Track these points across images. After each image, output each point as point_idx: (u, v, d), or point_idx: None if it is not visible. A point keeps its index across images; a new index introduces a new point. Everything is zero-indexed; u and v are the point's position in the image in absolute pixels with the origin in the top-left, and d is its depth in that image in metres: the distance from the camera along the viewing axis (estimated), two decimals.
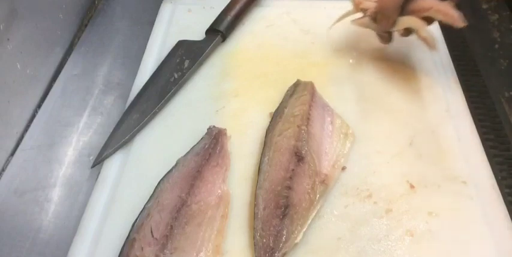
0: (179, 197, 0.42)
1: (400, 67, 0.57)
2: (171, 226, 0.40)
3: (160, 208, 0.42)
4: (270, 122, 0.49)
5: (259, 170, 0.44)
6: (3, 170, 0.51)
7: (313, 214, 0.41)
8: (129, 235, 0.40)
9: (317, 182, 0.43)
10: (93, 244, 0.42)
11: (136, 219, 0.41)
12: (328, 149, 0.46)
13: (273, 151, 0.45)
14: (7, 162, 0.52)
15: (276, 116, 0.50)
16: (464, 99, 0.53)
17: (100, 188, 0.46)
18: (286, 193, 0.41)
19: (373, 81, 0.55)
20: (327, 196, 0.44)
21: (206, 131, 0.49)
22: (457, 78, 0.56)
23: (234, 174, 0.46)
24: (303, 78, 0.55)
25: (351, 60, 0.58)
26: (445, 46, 0.59)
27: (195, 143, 0.48)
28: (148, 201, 0.43)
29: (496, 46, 0.62)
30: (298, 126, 0.47)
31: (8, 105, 0.52)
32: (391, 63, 0.57)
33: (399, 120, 0.51)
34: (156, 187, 0.44)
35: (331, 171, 0.45)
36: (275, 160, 0.44)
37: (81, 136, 0.54)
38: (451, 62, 0.57)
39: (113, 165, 0.48)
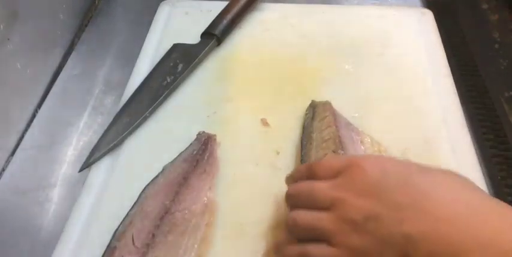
0: (163, 205, 0.41)
1: (396, 74, 0.56)
2: (153, 234, 0.39)
3: (143, 215, 0.41)
4: (302, 151, 0.46)
5: None
6: (3, 169, 0.51)
7: None
8: (110, 242, 0.40)
9: None
10: (74, 251, 0.41)
11: (119, 226, 0.41)
12: None
13: None
14: (7, 161, 0.52)
15: (305, 144, 0.47)
16: (461, 108, 0.52)
17: (86, 192, 0.46)
18: None
19: (369, 87, 0.55)
20: None
21: (196, 136, 0.48)
22: (454, 87, 0.55)
23: (222, 181, 0.46)
24: (298, 85, 0.55)
25: (346, 66, 0.58)
26: (444, 52, 0.59)
27: (185, 148, 0.47)
28: (131, 208, 0.42)
29: (496, 46, 0.62)
30: (333, 152, 0.44)
31: (8, 105, 0.52)
32: (388, 70, 0.57)
33: (393, 129, 0.50)
34: (141, 194, 0.43)
35: None
36: None
37: (81, 136, 0.54)
38: (449, 69, 0.57)
39: (100, 169, 0.48)
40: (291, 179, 0.39)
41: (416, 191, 0.31)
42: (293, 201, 0.37)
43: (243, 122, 0.51)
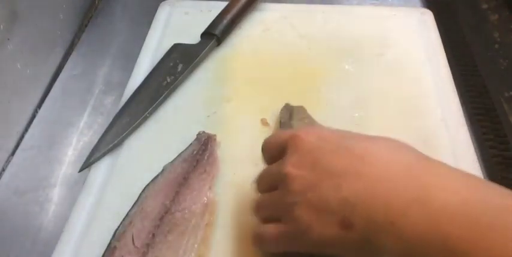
0: (163, 205, 0.42)
1: (396, 74, 0.56)
2: (153, 234, 0.39)
3: (143, 216, 0.41)
4: None
5: None
6: (3, 169, 0.51)
7: None
8: (110, 242, 0.40)
9: None
10: (74, 251, 0.41)
11: (119, 226, 0.41)
12: None
13: None
14: (7, 162, 0.52)
15: None
16: (461, 108, 0.52)
17: (86, 192, 0.46)
18: None
19: (369, 88, 0.55)
20: None
21: (195, 136, 0.48)
22: (454, 87, 0.55)
23: (222, 181, 0.46)
24: (298, 85, 0.54)
25: (346, 67, 0.57)
26: (444, 52, 0.59)
27: (185, 148, 0.47)
28: (131, 208, 0.42)
29: (496, 46, 0.62)
30: None
31: (8, 105, 0.52)
32: (387, 70, 0.57)
33: (393, 129, 0.50)
34: (141, 194, 0.43)
35: None
36: None
37: (81, 135, 0.54)
38: (449, 69, 0.57)
39: (100, 169, 0.48)
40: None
41: (351, 155, 0.31)
42: (258, 188, 0.38)
43: (243, 122, 0.51)
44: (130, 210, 0.42)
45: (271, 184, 0.36)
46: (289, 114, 0.50)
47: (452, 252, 0.26)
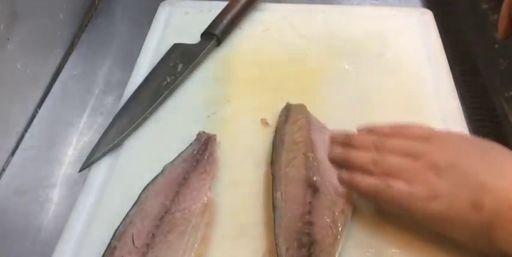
0: (163, 205, 0.41)
1: (396, 74, 0.56)
2: (153, 234, 0.39)
3: (143, 216, 0.41)
4: (273, 153, 0.46)
5: (273, 206, 0.41)
6: (3, 170, 0.51)
7: (339, 249, 0.39)
8: (110, 242, 0.40)
9: (337, 213, 0.40)
10: (75, 251, 0.41)
11: (119, 226, 0.41)
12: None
13: (285, 185, 0.42)
14: (7, 162, 0.52)
15: (276, 146, 0.46)
16: (461, 108, 0.52)
17: (86, 192, 0.46)
18: (308, 230, 0.39)
19: (369, 87, 0.55)
20: (348, 227, 0.41)
21: (195, 136, 0.48)
22: (454, 87, 0.55)
23: (221, 181, 0.46)
24: (298, 85, 0.55)
25: (346, 67, 0.57)
26: (444, 52, 0.59)
27: (185, 148, 0.47)
28: (131, 208, 0.42)
29: (496, 46, 0.62)
30: (304, 154, 0.44)
31: (8, 105, 0.52)
32: (388, 70, 0.57)
33: None
34: (141, 194, 0.43)
35: (348, 197, 0.42)
36: (289, 194, 0.42)
37: (81, 136, 0.54)
38: (449, 69, 0.57)
39: (100, 169, 0.48)
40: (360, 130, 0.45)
41: (488, 153, 0.38)
42: (381, 145, 0.41)
43: (243, 122, 0.51)
44: (130, 210, 0.42)
45: (404, 150, 0.40)
46: (285, 117, 0.50)
47: None
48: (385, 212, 0.42)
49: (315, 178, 0.42)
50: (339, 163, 0.44)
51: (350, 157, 0.43)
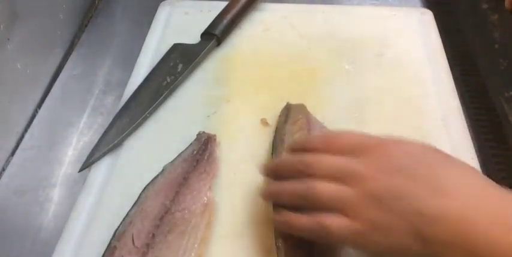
0: (163, 205, 0.42)
1: (396, 74, 0.56)
2: (153, 234, 0.39)
3: (143, 216, 0.41)
4: (273, 152, 0.46)
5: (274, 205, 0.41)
6: (3, 169, 0.51)
7: (340, 252, 0.38)
8: (110, 242, 0.40)
9: None
10: (75, 251, 0.41)
11: (119, 226, 0.41)
12: None
13: None
14: (7, 162, 0.52)
15: (276, 146, 0.46)
16: (461, 108, 0.52)
17: (86, 192, 0.46)
18: None
19: (368, 88, 0.55)
20: None
21: (195, 136, 0.48)
22: (454, 87, 0.55)
23: (221, 181, 0.46)
24: (298, 85, 0.54)
25: (346, 67, 0.58)
26: (444, 52, 0.59)
27: (185, 148, 0.47)
28: (131, 208, 0.42)
29: (496, 46, 0.62)
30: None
31: (8, 105, 0.52)
32: (387, 70, 0.57)
33: (393, 129, 0.49)
34: (141, 194, 0.43)
35: None
36: None
37: (81, 136, 0.54)
38: (449, 69, 0.57)
39: (100, 169, 0.48)
40: (290, 150, 0.40)
41: (436, 172, 0.33)
42: (307, 169, 0.36)
43: (243, 122, 0.51)
44: (130, 210, 0.42)
45: (331, 174, 0.35)
46: (285, 117, 0.50)
47: None
48: None
49: None
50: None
51: (277, 192, 0.38)
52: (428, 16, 0.64)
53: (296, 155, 0.39)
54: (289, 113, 0.50)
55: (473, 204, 0.31)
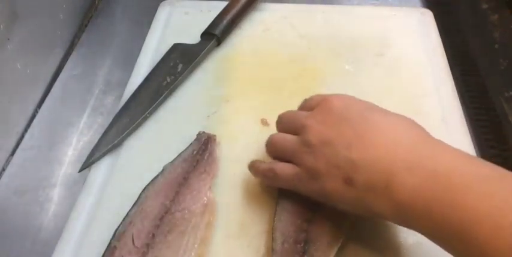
0: (163, 205, 0.42)
1: (396, 74, 0.56)
2: (153, 234, 0.39)
3: (143, 216, 0.41)
4: None
5: (277, 201, 0.42)
6: (3, 169, 0.51)
7: (336, 249, 0.39)
8: (110, 242, 0.40)
9: (341, 215, 0.39)
10: (75, 251, 0.41)
11: (119, 226, 0.41)
12: None
13: None
14: (7, 162, 0.52)
15: None
16: (461, 108, 0.52)
17: (86, 192, 0.46)
18: (306, 227, 0.39)
19: (368, 87, 0.55)
20: (350, 229, 0.40)
21: (195, 136, 0.48)
22: (454, 87, 0.55)
23: (222, 181, 0.46)
24: (298, 85, 0.54)
25: (346, 67, 0.57)
26: (444, 52, 0.59)
27: (185, 148, 0.47)
28: (131, 208, 0.42)
29: (496, 46, 0.62)
30: None
31: (8, 105, 0.52)
32: (387, 70, 0.57)
33: None
34: (141, 194, 0.43)
35: None
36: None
37: (81, 135, 0.55)
38: (449, 69, 0.57)
39: (100, 169, 0.48)
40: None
41: (367, 123, 0.36)
42: (279, 126, 0.43)
43: (243, 122, 0.51)
44: (130, 210, 0.42)
45: (292, 128, 0.40)
46: None
47: (430, 215, 0.31)
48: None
49: None
50: None
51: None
52: (428, 16, 0.64)
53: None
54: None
55: (395, 151, 0.34)
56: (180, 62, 0.57)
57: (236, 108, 0.53)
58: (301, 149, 0.38)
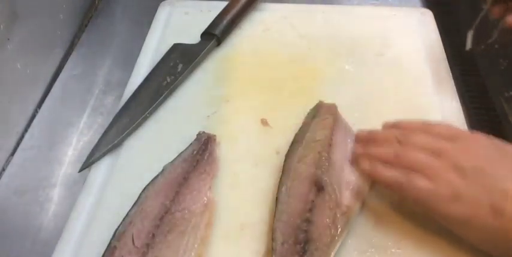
0: (163, 205, 0.42)
1: (396, 74, 0.56)
2: (153, 234, 0.39)
3: (143, 216, 0.41)
4: (290, 146, 0.47)
5: (276, 200, 0.42)
6: (3, 169, 0.51)
7: (335, 249, 0.39)
8: (110, 242, 0.40)
9: (338, 215, 0.40)
10: (75, 251, 0.42)
11: (119, 226, 0.41)
12: (350, 178, 0.44)
13: (292, 180, 0.43)
14: (7, 162, 0.52)
15: (296, 141, 0.47)
16: (461, 108, 0.52)
17: (86, 192, 0.46)
18: (306, 227, 0.39)
19: (369, 88, 0.55)
20: (349, 229, 0.41)
21: (195, 136, 0.48)
22: (454, 87, 0.55)
23: (222, 181, 0.46)
24: (298, 85, 0.55)
25: (346, 67, 0.57)
26: (444, 52, 0.59)
27: (185, 148, 0.47)
28: (131, 208, 0.42)
29: (496, 46, 0.62)
30: (319, 153, 0.44)
31: (8, 105, 0.52)
32: (388, 70, 0.57)
33: None
34: (141, 194, 0.43)
35: (353, 202, 0.42)
36: (294, 190, 0.42)
37: (81, 136, 0.54)
38: (449, 69, 0.57)
39: (100, 169, 0.48)
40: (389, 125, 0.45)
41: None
42: (404, 138, 0.41)
43: (243, 122, 0.51)
44: (130, 210, 0.42)
45: (425, 145, 0.40)
46: (313, 114, 0.50)
47: None
48: (386, 214, 0.42)
49: (322, 178, 0.42)
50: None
51: (371, 151, 0.43)
52: (428, 16, 0.64)
53: (392, 130, 0.44)
54: (318, 112, 0.50)
55: None
56: (180, 62, 0.57)
57: (236, 108, 0.53)
58: (448, 170, 0.37)
